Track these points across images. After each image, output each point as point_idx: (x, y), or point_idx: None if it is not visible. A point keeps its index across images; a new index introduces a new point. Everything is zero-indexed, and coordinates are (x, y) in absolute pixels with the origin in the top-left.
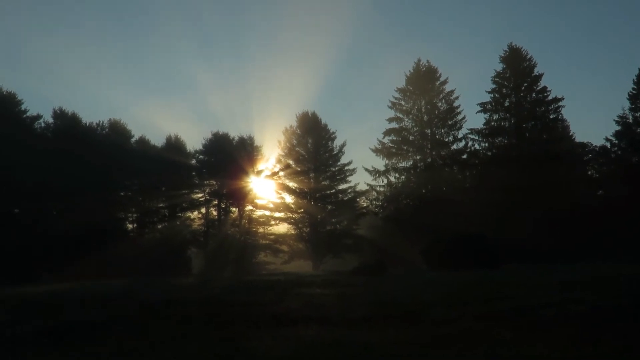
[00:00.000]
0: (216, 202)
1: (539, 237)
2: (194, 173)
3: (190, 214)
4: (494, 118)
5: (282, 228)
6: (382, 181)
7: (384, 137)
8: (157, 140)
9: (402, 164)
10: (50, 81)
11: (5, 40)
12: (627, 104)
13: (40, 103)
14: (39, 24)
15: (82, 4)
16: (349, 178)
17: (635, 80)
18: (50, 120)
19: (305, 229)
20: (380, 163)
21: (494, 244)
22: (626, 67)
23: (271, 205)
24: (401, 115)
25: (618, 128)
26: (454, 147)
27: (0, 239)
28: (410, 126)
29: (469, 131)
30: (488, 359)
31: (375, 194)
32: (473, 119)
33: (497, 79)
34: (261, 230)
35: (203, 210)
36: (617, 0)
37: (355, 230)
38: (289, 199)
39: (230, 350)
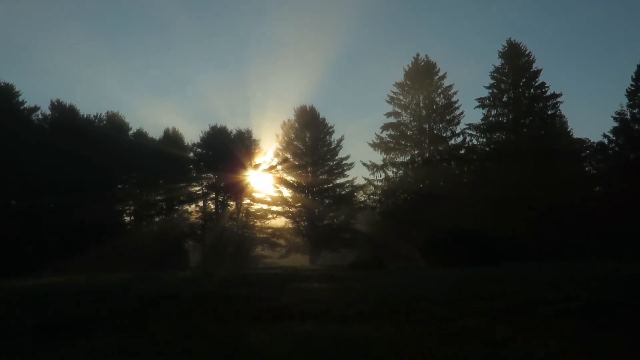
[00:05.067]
0: (214, 195)
1: (536, 233)
2: (191, 166)
3: (188, 207)
4: (492, 113)
5: (280, 222)
6: (380, 176)
7: (382, 132)
8: (155, 133)
9: (400, 159)
10: (47, 73)
11: (3, 32)
12: (625, 101)
13: (37, 95)
14: (37, 16)
15: None
16: (347, 172)
17: (634, 76)
18: (48, 112)
19: (302, 223)
20: (378, 157)
21: (492, 240)
22: (625, 64)
23: (269, 199)
24: (399, 110)
25: (616, 124)
26: (452, 142)
27: None
28: (408, 121)
29: (467, 126)
30: (486, 356)
31: (373, 189)
32: (471, 114)
33: (495, 75)
34: (258, 223)
35: (201, 203)
36: None
37: (352, 224)
38: (287, 192)
39: (228, 345)
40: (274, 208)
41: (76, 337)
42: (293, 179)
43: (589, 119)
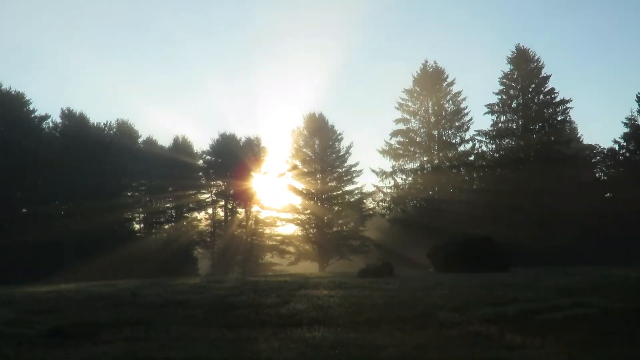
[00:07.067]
0: (223, 202)
1: (546, 239)
2: (200, 174)
3: (197, 215)
4: (502, 119)
5: (289, 229)
6: (389, 182)
7: (390, 138)
8: (165, 141)
9: (409, 166)
10: (58, 82)
11: (14, 41)
12: (635, 106)
13: (48, 103)
14: (48, 25)
15: (92, 5)
16: (356, 179)
17: None
18: (58, 121)
19: (311, 230)
20: (387, 164)
21: (501, 246)
22: (635, 69)
23: (278, 206)
24: (408, 117)
25: (626, 130)
26: (461, 148)
27: (8, 239)
28: (417, 127)
29: (476, 132)
30: None
31: (382, 196)
32: (480, 121)
33: (504, 80)
34: (267, 231)
35: (210, 210)
36: (625, 1)
37: (361, 231)
38: (296, 200)
39: (237, 352)
40: (283, 215)
41: (86, 342)
42: (302, 186)
43: (599, 124)
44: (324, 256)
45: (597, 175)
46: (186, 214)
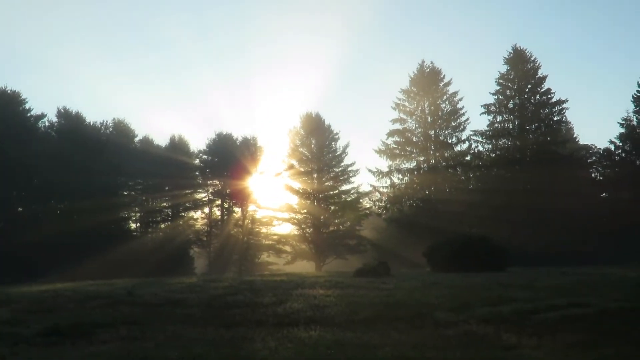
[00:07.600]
0: (219, 202)
1: (542, 239)
2: (197, 173)
3: (194, 214)
4: (498, 120)
5: (285, 228)
6: (385, 182)
7: (387, 138)
8: (161, 140)
9: (406, 165)
10: (54, 81)
11: (10, 40)
12: (631, 107)
13: (44, 102)
14: (44, 24)
15: (88, 5)
16: (352, 179)
17: None
18: (54, 120)
19: (308, 230)
20: (383, 164)
21: (498, 246)
22: (631, 69)
23: (274, 206)
24: (405, 117)
25: (622, 130)
26: (458, 148)
27: (4, 238)
28: (413, 127)
29: (473, 133)
30: None
31: (379, 195)
32: (477, 121)
33: (501, 81)
34: (264, 230)
35: (206, 210)
36: (621, 2)
37: (358, 231)
38: (292, 199)
39: (234, 351)
40: (280, 215)
41: (83, 342)
42: (299, 185)
43: (595, 125)
44: (321, 255)
45: (593, 175)
46: (182, 213)
